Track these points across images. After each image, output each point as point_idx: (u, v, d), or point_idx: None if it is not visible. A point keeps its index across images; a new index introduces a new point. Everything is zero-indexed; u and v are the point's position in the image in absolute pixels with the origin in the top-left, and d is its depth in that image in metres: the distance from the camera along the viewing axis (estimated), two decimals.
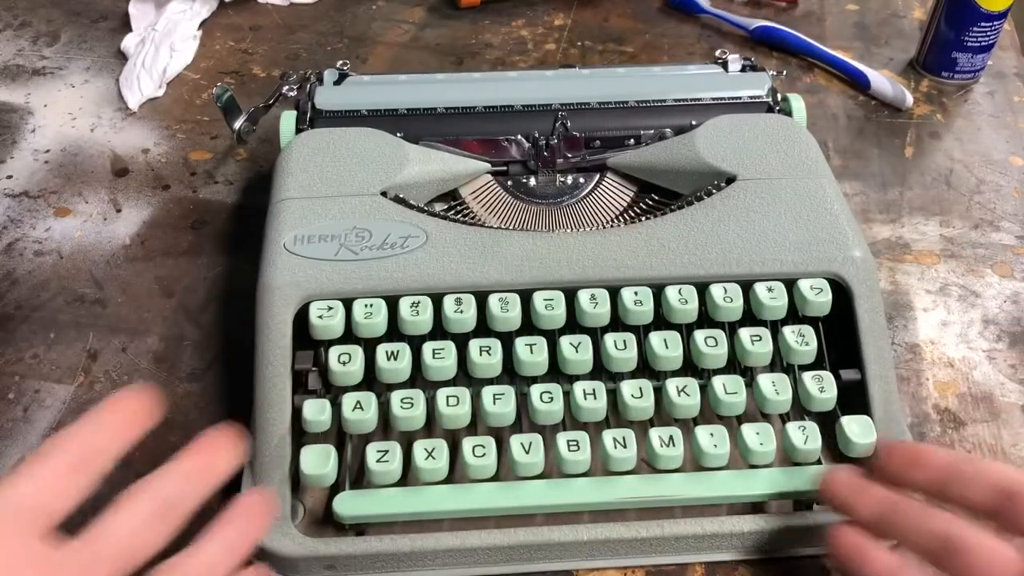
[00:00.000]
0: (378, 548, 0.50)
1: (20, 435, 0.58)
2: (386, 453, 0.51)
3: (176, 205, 0.74)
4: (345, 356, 0.53)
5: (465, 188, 0.65)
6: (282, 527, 0.50)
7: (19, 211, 0.73)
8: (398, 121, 0.66)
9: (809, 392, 0.53)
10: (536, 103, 0.67)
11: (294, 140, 0.63)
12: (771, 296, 0.55)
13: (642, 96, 0.68)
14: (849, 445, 0.52)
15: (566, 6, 0.98)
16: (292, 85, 0.70)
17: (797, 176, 0.60)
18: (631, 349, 0.54)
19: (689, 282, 0.55)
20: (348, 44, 0.92)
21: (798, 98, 0.69)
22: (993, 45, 0.86)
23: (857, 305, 0.55)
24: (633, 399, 0.52)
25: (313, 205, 0.58)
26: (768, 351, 0.54)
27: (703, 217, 0.58)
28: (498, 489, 0.51)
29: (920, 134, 0.82)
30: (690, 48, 0.93)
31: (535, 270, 0.55)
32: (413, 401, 0.52)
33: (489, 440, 0.52)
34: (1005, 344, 0.64)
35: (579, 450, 0.51)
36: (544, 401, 0.52)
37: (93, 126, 0.82)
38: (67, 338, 0.64)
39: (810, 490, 0.51)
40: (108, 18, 0.96)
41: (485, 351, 0.53)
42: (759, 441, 0.52)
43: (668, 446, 0.51)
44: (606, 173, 0.66)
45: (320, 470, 0.51)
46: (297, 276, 0.54)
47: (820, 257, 0.56)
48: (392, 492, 0.51)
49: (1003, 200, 0.76)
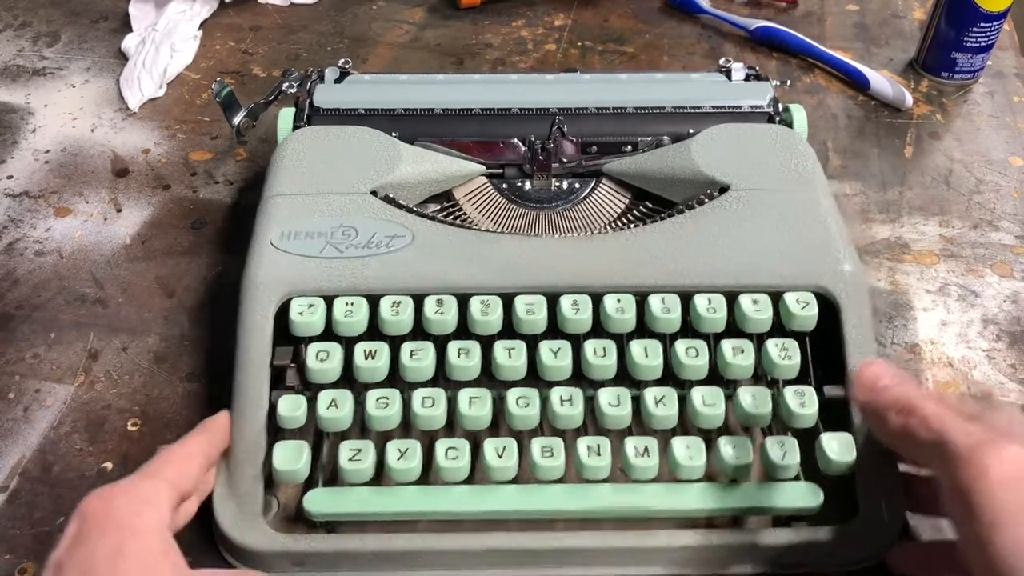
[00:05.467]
0: (347, 547, 0.50)
1: (20, 435, 0.58)
2: (359, 452, 0.51)
3: (176, 205, 0.74)
4: (323, 353, 0.53)
5: (459, 190, 0.65)
6: (253, 522, 0.51)
7: (20, 211, 0.74)
8: (394, 120, 0.66)
9: (790, 407, 0.52)
10: (534, 106, 0.67)
11: (288, 137, 0.63)
12: (755, 308, 0.54)
13: (641, 103, 0.67)
14: (828, 463, 0.51)
15: (566, 6, 0.98)
16: (293, 82, 0.70)
17: (792, 188, 0.59)
18: (611, 357, 0.53)
19: (673, 291, 0.55)
20: (348, 44, 0.92)
21: (800, 108, 0.68)
22: (993, 45, 0.85)
23: (844, 320, 0.54)
24: (610, 407, 0.52)
25: (302, 202, 0.58)
26: (749, 364, 0.53)
27: (692, 226, 0.57)
28: (470, 492, 0.51)
29: (920, 134, 0.82)
30: (690, 48, 0.93)
31: (518, 274, 0.55)
32: (388, 401, 0.52)
33: (463, 443, 0.51)
34: (1005, 344, 0.64)
35: (553, 456, 0.51)
36: (520, 406, 0.52)
37: (93, 126, 0.82)
38: (67, 338, 0.64)
39: (786, 507, 0.51)
40: (108, 18, 0.96)
41: (463, 353, 0.53)
42: (735, 455, 0.51)
43: (643, 456, 0.51)
44: (601, 179, 0.65)
45: (292, 466, 0.51)
46: (281, 272, 0.55)
47: (808, 270, 0.55)
48: (363, 491, 0.51)
49: (1002, 200, 0.75)
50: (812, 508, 0.51)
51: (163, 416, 0.59)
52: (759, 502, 0.51)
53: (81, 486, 0.55)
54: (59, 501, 0.54)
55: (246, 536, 0.50)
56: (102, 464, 0.56)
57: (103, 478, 0.55)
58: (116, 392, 0.60)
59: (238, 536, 0.50)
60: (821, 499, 0.51)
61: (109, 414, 0.59)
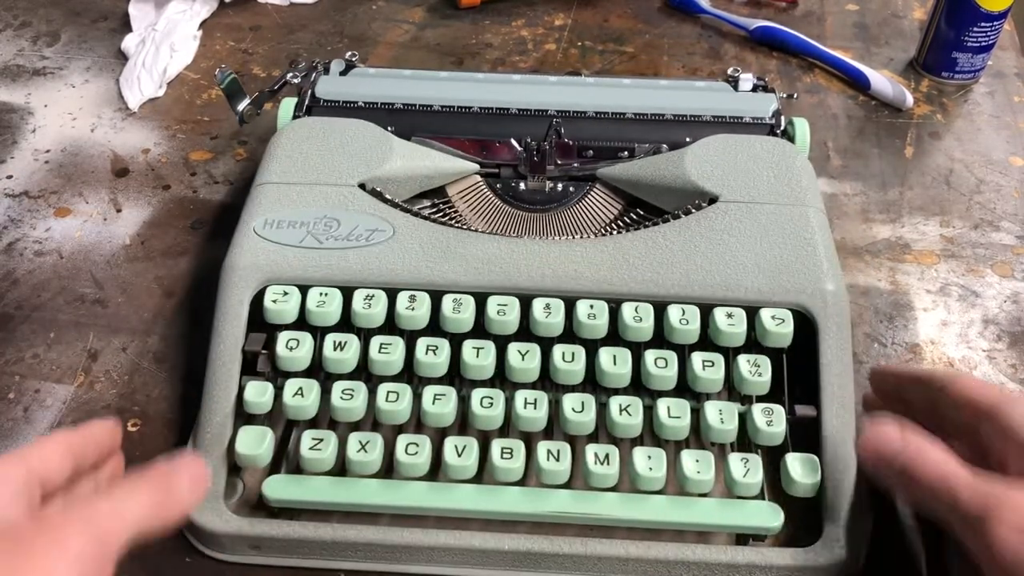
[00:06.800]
0: (302, 534, 0.50)
1: (20, 435, 0.58)
2: (320, 441, 0.51)
3: (176, 205, 0.75)
4: (293, 342, 0.53)
5: (453, 187, 0.65)
6: (213, 504, 0.51)
7: (19, 211, 0.74)
8: (392, 115, 0.66)
9: (756, 425, 0.51)
10: (533, 107, 0.67)
11: (285, 126, 0.64)
12: (729, 322, 0.53)
13: (641, 109, 0.67)
14: (791, 484, 0.50)
15: (566, 6, 0.98)
16: (299, 72, 0.71)
17: (782, 202, 0.58)
18: (579, 362, 0.53)
19: (648, 300, 0.54)
20: (348, 44, 0.93)
21: (803, 122, 0.67)
22: (993, 45, 0.85)
23: (821, 340, 0.53)
24: (574, 413, 0.52)
25: (289, 191, 0.59)
26: (719, 378, 0.52)
27: (674, 236, 0.57)
28: (427, 489, 0.51)
29: (920, 134, 0.81)
30: (690, 48, 0.92)
31: (492, 274, 0.55)
32: (353, 393, 0.52)
33: (424, 439, 0.52)
34: (1005, 344, 0.63)
35: (512, 458, 0.51)
36: (484, 406, 0.52)
37: (93, 126, 0.83)
38: (67, 338, 0.64)
39: (743, 525, 0.50)
40: (108, 18, 0.97)
41: (432, 350, 0.53)
42: (696, 469, 0.50)
43: (603, 464, 0.50)
44: (595, 184, 0.65)
45: (254, 451, 0.51)
46: (259, 259, 0.55)
47: (788, 287, 0.54)
48: (322, 480, 0.51)
49: (1003, 200, 0.74)
50: (771, 528, 0.50)
51: (163, 416, 0.59)
52: (716, 519, 0.50)
53: None
54: None
55: (204, 517, 0.51)
56: None
57: None
58: (116, 392, 0.61)
59: (197, 516, 0.51)
60: (781, 520, 0.50)
61: (109, 414, 0.59)
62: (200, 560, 0.52)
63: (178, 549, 0.52)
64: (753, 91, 0.71)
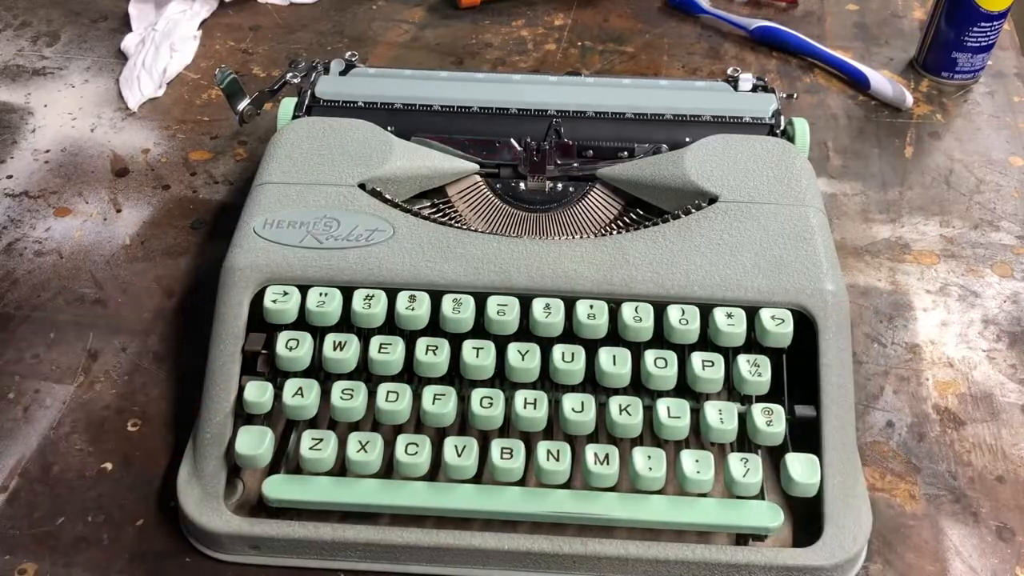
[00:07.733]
0: (301, 534, 0.50)
1: (20, 435, 0.58)
2: (320, 441, 0.51)
3: (176, 205, 0.74)
4: (293, 342, 0.53)
5: (453, 187, 0.65)
6: (213, 504, 0.51)
7: (19, 211, 0.74)
8: (392, 115, 0.66)
9: (756, 425, 0.51)
10: (533, 107, 0.67)
11: (285, 126, 0.64)
12: (729, 323, 0.53)
13: (640, 108, 0.67)
14: (791, 484, 0.50)
15: (566, 6, 0.98)
16: (299, 72, 0.71)
17: (782, 202, 0.58)
18: (579, 362, 0.53)
19: (648, 300, 0.54)
20: (348, 44, 0.93)
21: (803, 123, 0.67)
22: (993, 45, 0.85)
23: (821, 340, 0.53)
24: (573, 413, 0.52)
25: (289, 191, 0.59)
26: (718, 378, 0.52)
27: (674, 236, 0.57)
28: (427, 489, 0.51)
29: (920, 134, 0.81)
30: (690, 48, 0.92)
31: (492, 274, 0.55)
32: (353, 393, 0.52)
33: (424, 439, 0.52)
34: (1005, 344, 0.63)
35: (512, 458, 0.51)
36: (483, 406, 0.52)
37: (93, 126, 0.83)
38: (67, 338, 0.64)
39: (743, 525, 0.50)
40: (108, 18, 0.97)
41: (432, 350, 0.53)
42: (696, 469, 0.50)
43: (603, 464, 0.50)
44: (595, 184, 0.65)
45: (254, 451, 0.51)
46: (259, 259, 0.55)
47: (788, 287, 0.54)
48: (322, 480, 0.51)
49: (1003, 200, 0.75)
50: (771, 528, 0.50)
51: (163, 416, 0.59)
52: (716, 519, 0.50)
53: (81, 486, 0.55)
54: (59, 501, 0.54)
55: (203, 517, 0.51)
56: (102, 464, 0.56)
57: (103, 478, 0.56)
58: (116, 392, 0.61)
59: (197, 516, 0.51)
60: (781, 520, 0.50)
61: (109, 414, 0.59)
62: (200, 560, 0.52)
63: (178, 549, 0.52)
64: (753, 91, 0.71)
